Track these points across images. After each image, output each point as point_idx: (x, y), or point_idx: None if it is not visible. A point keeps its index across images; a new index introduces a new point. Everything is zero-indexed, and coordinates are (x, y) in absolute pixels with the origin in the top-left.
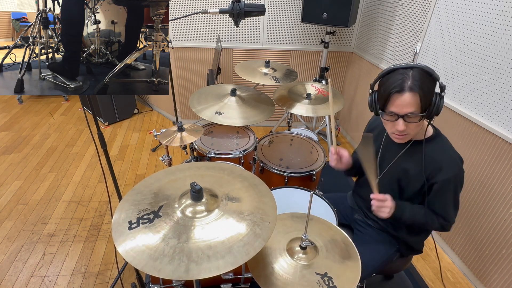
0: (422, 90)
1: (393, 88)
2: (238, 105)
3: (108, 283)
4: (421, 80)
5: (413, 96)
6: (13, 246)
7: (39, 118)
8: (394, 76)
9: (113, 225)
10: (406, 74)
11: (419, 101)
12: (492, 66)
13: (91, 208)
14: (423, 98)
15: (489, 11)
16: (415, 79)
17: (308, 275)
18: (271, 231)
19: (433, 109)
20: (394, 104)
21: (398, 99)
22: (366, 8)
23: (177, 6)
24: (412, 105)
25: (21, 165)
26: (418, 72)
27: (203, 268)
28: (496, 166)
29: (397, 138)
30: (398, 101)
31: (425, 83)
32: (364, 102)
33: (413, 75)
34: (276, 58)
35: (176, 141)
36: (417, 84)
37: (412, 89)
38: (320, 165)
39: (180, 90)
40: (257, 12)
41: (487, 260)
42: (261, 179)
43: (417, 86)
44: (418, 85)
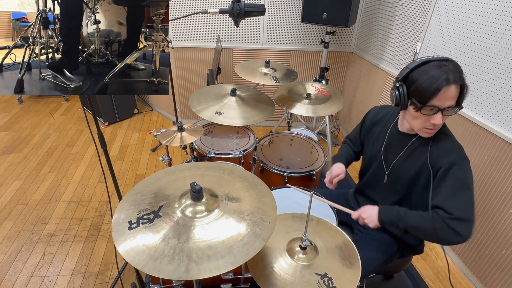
0: (462, 81)
1: (441, 82)
2: (238, 105)
3: (108, 283)
4: (460, 72)
5: (456, 88)
6: (13, 246)
7: (39, 118)
8: (434, 69)
9: (113, 225)
10: (445, 66)
11: (459, 93)
12: (492, 66)
13: (91, 208)
14: (462, 89)
15: (489, 11)
16: (456, 71)
17: (308, 275)
18: (271, 231)
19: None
20: (439, 98)
21: (445, 92)
22: (366, 8)
23: (177, 6)
24: (454, 97)
25: (21, 165)
26: (453, 64)
27: (203, 268)
28: (496, 166)
29: (427, 133)
30: (444, 94)
31: (461, 76)
32: (364, 102)
33: (453, 68)
34: (276, 58)
35: (176, 141)
36: (459, 76)
37: (455, 81)
38: (320, 165)
39: (180, 90)
40: (257, 12)
41: (487, 260)
42: (261, 179)
43: (459, 77)
44: (459, 76)
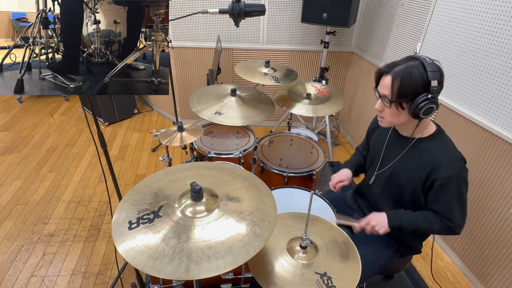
0: (403, 80)
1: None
2: (238, 105)
3: (108, 283)
4: (411, 71)
5: (394, 81)
6: (13, 246)
7: (39, 118)
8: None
9: (113, 225)
10: (402, 61)
11: (397, 88)
12: (492, 66)
13: (91, 208)
14: (401, 87)
15: (489, 11)
16: (406, 67)
17: (308, 274)
18: (271, 231)
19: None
20: (380, 84)
21: (383, 78)
22: (366, 8)
23: (177, 6)
24: (389, 88)
25: (21, 165)
26: (414, 64)
27: (203, 268)
28: (496, 166)
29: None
30: (382, 81)
31: (412, 75)
32: (364, 102)
33: (408, 65)
34: (276, 58)
35: (176, 141)
36: (403, 72)
37: (395, 74)
38: (320, 165)
39: (180, 90)
40: (257, 12)
41: (487, 260)
42: (261, 179)
43: (402, 73)
44: (403, 73)
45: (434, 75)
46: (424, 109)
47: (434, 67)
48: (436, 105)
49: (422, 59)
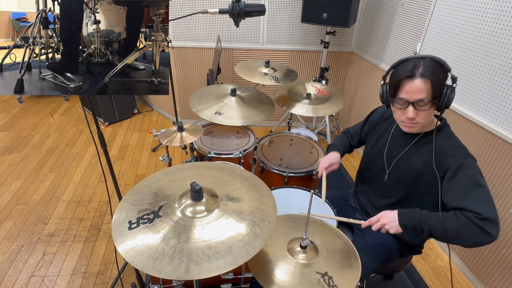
0: (433, 76)
1: (404, 74)
2: (238, 105)
3: (108, 283)
4: (433, 67)
5: (424, 82)
6: (13, 246)
7: (39, 118)
8: (406, 64)
9: (113, 225)
10: (417, 62)
11: (430, 88)
12: (492, 66)
13: (91, 208)
14: (434, 85)
15: (489, 11)
16: (426, 66)
17: (309, 274)
18: (271, 231)
19: (443, 100)
20: (405, 90)
21: (409, 85)
22: (366, 8)
23: (177, 6)
24: (423, 91)
25: (21, 165)
26: (429, 61)
27: (203, 268)
28: (496, 166)
29: (406, 127)
30: (409, 87)
31: (436, 71)
32: (364, 102)
33: (425, 63)
34: (276, 58)
35: (176, 141)
36: (429, 71)
37: (423, 75)
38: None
39: (180, 90)
40: (257, 12)
41: (487, 260)
42: (261, 179)
43: (429, 72)
44: (430, 72)
45: (447, 65)
46: (451, 99)
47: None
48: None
49: (427, 55)
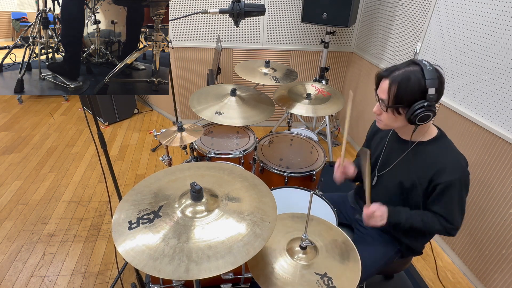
0: (401, 84)
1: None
2: (238, 105)
3: (108, 283)
4: (407, 77)
5: (391, 85)
6: (13, 246)
7: (39, 118)
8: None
9: (113, 225)
10: (401, 67)
11: (394, 93)
12: (492, 66)
13: (91, 208)
14: (399, 92)
15: (489, 11)
16: (404, 73)
17: (308, 275)
18: (271, 231)
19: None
20: (379, 87)
21: (382, 82)
22: (366, 8)
23: (177, 6)
24: (385, 92)
25: (21, 165)
26: (413, 69)
27: (203, 268)
28: (496, 166)
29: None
30: (381, 85)
31: (409, 82)
32: (364, 102)
33: (405, 71)
34: (276, 58)
35: (176, 141)
36: (398, 78)
37: (393, 79)
38: (320, 165)
39: (180, 90)
40: (257, 12)
41: (487, 260)
42: (261, 179)
43: (398, 79)
44: (401, 79)
45: (432, 82)
46: (419, 116)
47: (433, 74)
48: (433, 112)
49: (422, 64)
